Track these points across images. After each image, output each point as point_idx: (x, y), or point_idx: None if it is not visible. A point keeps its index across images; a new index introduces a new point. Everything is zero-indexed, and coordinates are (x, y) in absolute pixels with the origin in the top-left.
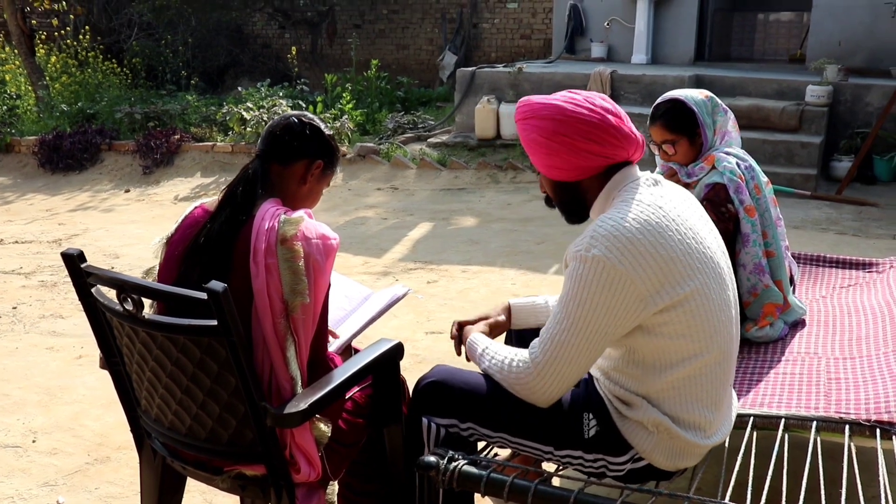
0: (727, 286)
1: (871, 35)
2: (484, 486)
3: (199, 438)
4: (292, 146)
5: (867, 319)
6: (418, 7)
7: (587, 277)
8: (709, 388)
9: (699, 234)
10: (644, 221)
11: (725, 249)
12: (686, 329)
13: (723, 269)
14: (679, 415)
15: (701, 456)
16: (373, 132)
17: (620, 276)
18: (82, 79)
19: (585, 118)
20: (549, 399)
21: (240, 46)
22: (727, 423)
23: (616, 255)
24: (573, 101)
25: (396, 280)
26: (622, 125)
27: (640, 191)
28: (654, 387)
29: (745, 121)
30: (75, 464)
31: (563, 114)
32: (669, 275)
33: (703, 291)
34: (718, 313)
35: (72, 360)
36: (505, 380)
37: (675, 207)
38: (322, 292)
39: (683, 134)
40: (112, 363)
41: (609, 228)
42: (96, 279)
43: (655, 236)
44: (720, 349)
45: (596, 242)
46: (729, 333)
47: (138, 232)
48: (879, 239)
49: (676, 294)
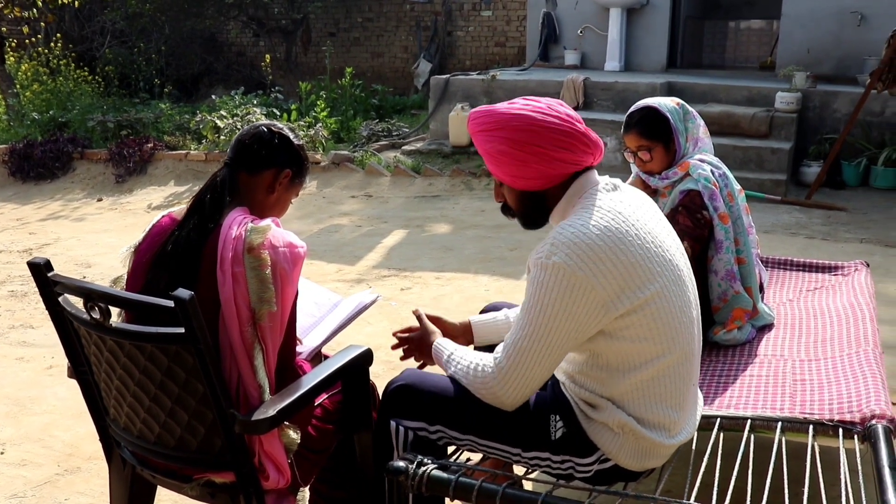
0: (687, 288)
1: (839, 43)
2: (453, 490)
3: (167, 446)
4: (261, 155)
5: (832, 322)
6: (393, 15)
7: (548, 284)
8: (672, 389)
9: (658, 237)
10: (604, 227)
11: (684, 250)
12: (648, 332)
13: (682, 270)
14: (644, 415)
15: (667, 456)
16: (347, 140)
17: (581, 283)
18: (54, 87)
19: (557, 127)
20: (514, 403)
21: (214, 54)
22: (692, 421)
23: (576, 262)
24: (540, 111)
25: (370, 287)
26: (588, 131)
27: (599, 196)
28: (619, 389)
29: (716, 127)
30: (45, 475)
31: (535, 124)
32: (630, 280)
33: (664, 294)
34: (679, 315)
35: (42, 371)
36: (471, 385)
37: (634, 212)
38: (289, 300)
39: (659, 140)
40: (80, 372)
41: (569, 235)
42: (63, 288)
43: (616, 242)
44: (682, 350)
45: (556, 249)
46: (690, 334)
47: (111, 241)
48: (847, 243)
49: (637, 298)
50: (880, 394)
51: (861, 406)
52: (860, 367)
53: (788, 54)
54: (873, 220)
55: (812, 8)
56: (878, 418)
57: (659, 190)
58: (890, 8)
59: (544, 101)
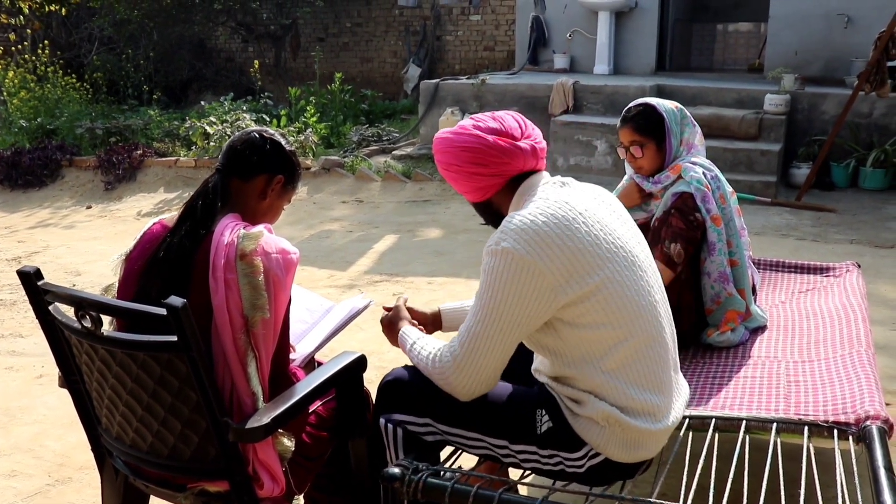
0: (645, 272)
1: (826, 45)
2: (448, 496)
3: (160, 455)
4: (252, 161)
5: (825, 323)
6: (382, 20)
7: (498, 269)
8: (646, 372)
9: (608, 226)
10: (551, 215)
11: (643, 240)
12: (604, 317)
13: (637, 257)
14: (626, 404)
15: (657, 445)
16: (337, 145)
17: (529, 267)
18: (41, 94)
19: (465, 145)
20: (469, 392)
21: (203, 60)
22: (677, 406)
23: (524, 247)
24: (460, 130)
25: (362, 292)
26: (500, 142)
27: (547, 190)
28: (595, 381)
29: (706, 130)
30: (35, 485)
31: (449, 145)
32: (577, 265)
33: (615, 279)
34: (637, 298)
35: (32, 380)
36: (430, 374)
37: (581, 202)
38: (282, 307)
39: (651, 137)
40: (71, 381)
41: (517, 223)
42: (54, 296)
43: (562, 228)
44: (645, 332)
45: (505, 236)
46: (653, 316)
47: (101, 248)
48: (838, 244)
49: (586, 284)
50: (874, 395)
51: (855, 407)
52: (854, 368)
53: (776, 56)
54: (863, 221)
55: (799, 10)
56: (872, 419)
57: (654, 193)
58: (876, 10)
59: (479, 117)
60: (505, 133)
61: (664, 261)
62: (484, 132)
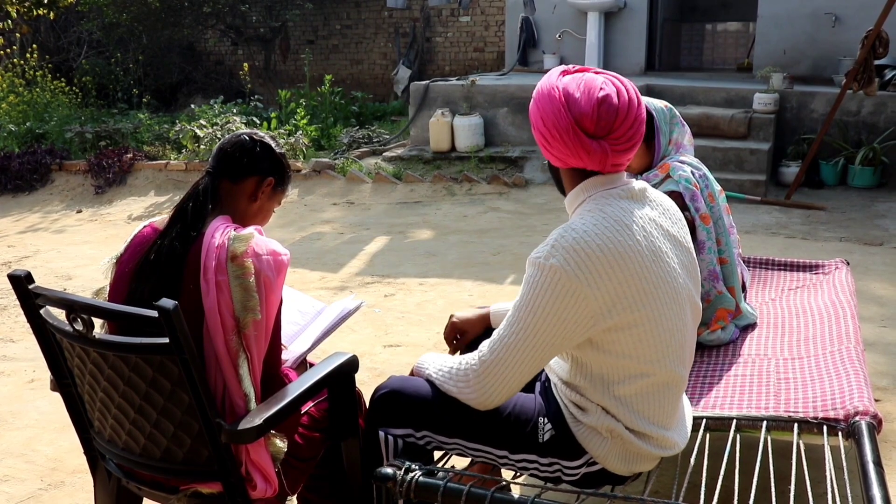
0: (684, 309)
1: (814, 44)
2: (441, 495)
3: (153, 458)
4: (243, 163)
5: (814, 320)
6: (371, 22)
7: (543, 285)
8: (656, 408)
9: (662, 256)
10: (606, 239)
11: (693, 267)
12: (633, 350)
13: (680, 292)
14: (632, 426)
15: (656, 461)
16: (328, 147)
17: (575, 290)
18: (30, 98)
19: (538, 105)
20: (485, 402)
21: (192, 64)
22: (681, 435)
23: (573, 268)
24: (547, 87)
25: (353, 294)
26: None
27: (610, 202)
28: (604, 401)
29: (696, 129)
30: (28, 490)
31: (535, 95)
32: (623, 296)
33: (655, 318)
34: (669, 338)
35: (23, 385)
36: (451, 380)
37: (643, 227)
38: (274, 308)
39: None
40: (63, 385)
41: (570, 241)
42: (45, 300)
43: (615, 255)
44: (668, 372)
45: (556, 252)
46: (679, 357)
47: (91, 252)
48: (827, 241)
49: (628, 315)
50: (863, 391)
51: (845, 403)
52: (843, 364)
53: (765, 55)
54: (852, 219)
55: (787, 9)
56: (861, 415)
57: None
58: (863, 9)
59: (582, 80)
60: (583, 116)
61: None
62: (559, 105)
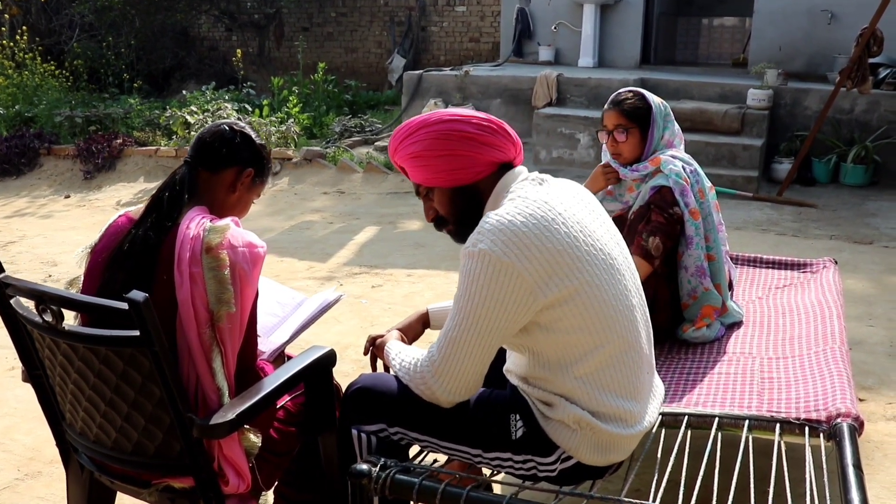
0: (623, 276)
1: (809, 41)
2: (416, 493)
3: (125, 451)
4: (222, 153)
5: (800, 319)
6: (367, 10)
7: (475, 272)
8: (620, 379)
9: (587, 227)
10: (529, 215)
11: (621, 240)
12: (581, 322)
13: (615, 259)
14: (597, 409)
15: (630, 448)
16: (320, 136)
17: (507, 268)
18: (20, 81)
19: (447, 128)
20: (449, 399)
21: (185, 49)
22: (651, 410)
23: (501, 248)
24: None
25: (341, 285)
26: (491, 124)
27: (525, 188)
28: (566, 385)
29: (689, 124)
30: (4, 479)
31: (424, 124)
32: (556, 266)
33: (594, 283)
34: (614, 303)
35: (3, 372)
36: (411, 382)
37: (561, 202)
38: (249, 301)
39: (637, 124)
40: (35, 376)
41: (494, 223)
42: (15, 290)
43: (541, 229)
44: (621, 338)
45: (482, 237)
46: (630, 321)
47: (78, 238)
48: (818, 239)
49: (565, 286)
50: (846, 392)
51: (827, 404)
52: (827, 365)
53: (760, 51)
54: (843, 217)
55: (783, 6)
56: (843, 417)
57: (626, 181)
58: (859, 7)
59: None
60: (487, 120)
61: (642, 254)
62: (464, 118)
